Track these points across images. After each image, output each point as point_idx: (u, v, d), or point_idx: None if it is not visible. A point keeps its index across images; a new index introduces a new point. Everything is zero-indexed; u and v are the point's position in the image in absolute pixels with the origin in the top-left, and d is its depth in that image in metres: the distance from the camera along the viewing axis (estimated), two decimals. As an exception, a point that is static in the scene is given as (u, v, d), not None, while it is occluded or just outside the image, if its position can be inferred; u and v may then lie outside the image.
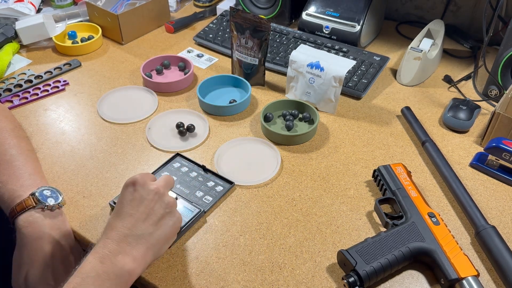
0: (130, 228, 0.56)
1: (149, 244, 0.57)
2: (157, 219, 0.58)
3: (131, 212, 0.57)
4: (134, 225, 0.56)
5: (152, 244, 0.57)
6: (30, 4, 1.19)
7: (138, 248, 0.56)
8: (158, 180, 0.62)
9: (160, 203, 0.59)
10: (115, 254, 0.54)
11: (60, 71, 1.05)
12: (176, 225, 0.61)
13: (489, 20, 1.09)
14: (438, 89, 1.01)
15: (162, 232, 0.58)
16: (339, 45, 1.07)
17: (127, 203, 0.58)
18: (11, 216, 0.66)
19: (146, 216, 0.58)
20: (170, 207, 0.60)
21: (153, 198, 0.59)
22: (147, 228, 0.57)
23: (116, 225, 0.56)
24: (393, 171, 0.75)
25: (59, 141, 0.87)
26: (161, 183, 0.61)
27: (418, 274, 0.64)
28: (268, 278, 0.64)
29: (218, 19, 1.20)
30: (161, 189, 0.60)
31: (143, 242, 0.56)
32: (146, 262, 0.57)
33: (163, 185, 0.61)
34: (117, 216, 0.57)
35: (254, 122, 0.91)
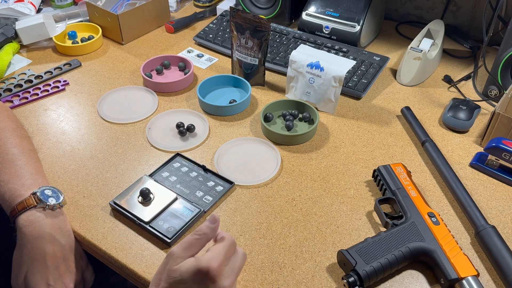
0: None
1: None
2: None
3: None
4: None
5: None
6: (30, 4, 1.19)
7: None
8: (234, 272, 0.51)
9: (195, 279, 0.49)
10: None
11: (60, 71, 1.05)
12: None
13: (489, 20, 1.09)
14: (438, 89, 1.01)
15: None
16: (339, 45, 1.07)
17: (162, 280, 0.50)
18: (12, 215, 0.66)
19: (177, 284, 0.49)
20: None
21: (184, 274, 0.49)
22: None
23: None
24: (393, 171, 0.75)
25: (59, 141, 0.87)
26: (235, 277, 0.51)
27: (418, 274, 0.64)
28: (268, 278, 0.64)
29: (218, 19, 1.20)
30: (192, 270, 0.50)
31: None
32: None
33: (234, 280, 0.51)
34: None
35: (254, 122, 0.92)
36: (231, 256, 0.52)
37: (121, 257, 0.66)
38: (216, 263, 0.49)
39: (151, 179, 0.76)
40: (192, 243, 0.52)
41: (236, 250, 0.53)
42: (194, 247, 0.51)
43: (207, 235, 0.52)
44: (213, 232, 0.53)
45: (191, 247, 0.51)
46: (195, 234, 0.52)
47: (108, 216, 0.72)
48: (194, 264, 0.49)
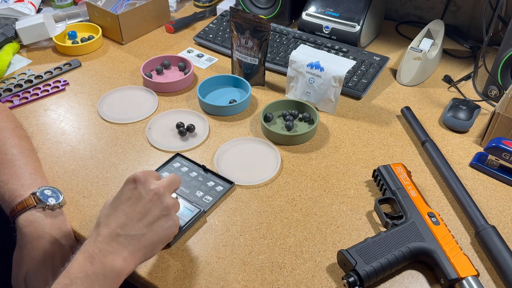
0: (123, 227, 0.55)
1: (140, 245, 0.56)
2: (152, 221, 0.57)
3: (127, 211, 0.56)
4: (128, 225, 0.55)
5: (143, 245, 0.56)
6: (30, 4, 1.19)
7: (129, 248, 0.55)
8: (161, 180, 0.60)
9: (158, 205, 0.58)
10: (105, 254, 0.53)
11: (60, 71, 1.05)
12: (171, 229, 0.59)
13: (489, 20, 1.09)
14: (438, 89, 1.01)
15: (155, 235, 0.57)
16: (339, 45, 1.07)
17: (125, 200, 0.57)
18: (12, 215, 0.66)
19: (141, 216, 0.56)
20: (167, 209, 0.59)
21: (151, 198, 0.57)
22: (141, 229, 0.56)
23: (110, 222, 0.55)
24: (393, 171, 0.75)
25: (59, 141, 0.87)
26: (164, 184, 0.60)
27: (418, 274, 0.64)
28: (268, 278, 0.64)
29: (218, 19, 1.20)
30: (162, 190, 0.59)
31: (134, 243, 0.55)
32: (136, 263, 0.56)
33: (165, 186, 0.60)
34: (112, 212, 0.56)
35: (254, 122, 0.92)
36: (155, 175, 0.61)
37: (121, 257, 0.66)
38: (140, 173, 0.59)
39: (151, 179, 0.76)
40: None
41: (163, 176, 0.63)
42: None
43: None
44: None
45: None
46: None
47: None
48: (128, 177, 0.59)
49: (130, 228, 0.55)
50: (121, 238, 0.54)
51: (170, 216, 0.59)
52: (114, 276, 0.53)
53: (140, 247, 0.56)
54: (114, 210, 0.57)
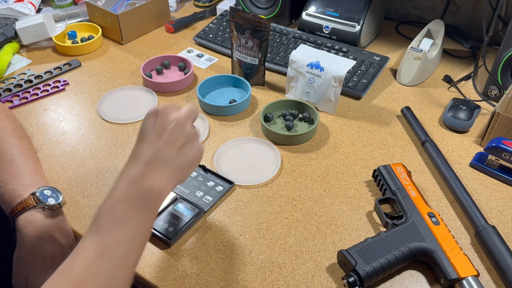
0: (154, 154, 0.57)
1: (173, 168, 0.58)
2: (180, 146, 0.59)
3: (154, 140, 0.58)
4: (158, 151, 0.57)
5: (176, 168, 0.58)
6: (30, 4, 1.19)
7: (165, 171, 0.57)
8: (180, 111, 0.61)
9: (182, 132, 0.59)
10: (143, 177, 0.55)
11: (60, 71, 1.05)
12: (198, 154, 0.62)
13: (489, 20, 1.09)
14: (438, 89, 1.01)
15: (185, 158, 0.59)
16: (339, 45, 1.07)
17: (149, 131, 0.58)
18: (12, 215, 0.66)
19: (169, 144, 0.58)
20: (191, 136, 0.61)
21: (174, 128, 0.59)
22: (172, 154, 0.58)
23: (141, 151, 0.57)
24: (393, 171, 0.75)
25: (59, 141, 0.87)
26: (183, 114, 0.61)
27: (418, 274, 0.64)
28: (268, 278, 0.64)
29: (218, 19, 1.20)
30: (182, 120, 0.60)
31: (168, 166, 0.57)
32: (173, 185, 0.58)
33: (185, 116, 0.61)
34: (140, 144, 0.58)
35: (254, 122, 0.91)
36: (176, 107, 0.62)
37: (121, 257, 0.66)
38: (160, 106, 0.60)
39: (151, 179, 0.76)
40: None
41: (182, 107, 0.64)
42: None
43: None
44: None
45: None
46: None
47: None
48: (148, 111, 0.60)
49: (162, 154, 0.57)
50: (155, 162, 0.56)
51: (195, 141, 0.61)
52: (155, 196, 0.55)
53: (174, 169, 0.58)
54: (141, 142, 0.58)
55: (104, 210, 0.53)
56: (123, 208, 0.52)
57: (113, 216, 0.52)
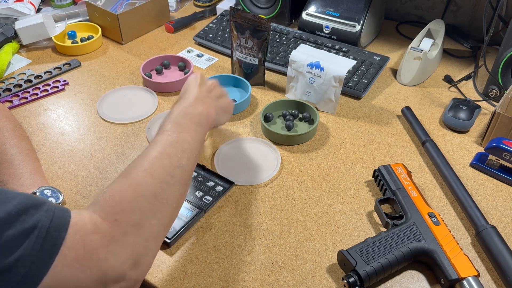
0: (199, 95, 0.69)
1: (214, 106, 0.69)
2: (217, 96, 0.73)
3: (197, 89, 0.70)
4: (202, 94, 0.70)
5: (216, 107, 0.70)
6: (30, 4, 1.19)
7: (209, 104, 0.68)
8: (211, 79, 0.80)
9: (218, 88, 0.75)
10: (194, 105, 0.66)
11: (59, 71, 1.05)
12: (230, 105, 0.77)
13: (489, 20, 1.09)
14: (438, 89, 1.01)
15: (223, 103, 0.74)
16: (339, 45, 1.07)
17: (193, 86, 0.71)
18: (11, 216, 0.66)
19: (209, 92, 0.72)
20: (224, 93, 0.76)
21: (211, 85, 0.74)
22: (212, 97, 0.71)
23: (187, 95, 0.69)
24: (393, 171, 0.75)
25: (59, 141, 0.87)
26: (215, 80, 0.76)
27: (418, 274, 0.64)
28: (268, 278, 0.64)
29: (218, 19, 1.20)
30: (216, 82, 0.75)
31: (210, 103, 0.69)
32: (217, 115, 0.70)
33: (216, 82, 0.76)
34: (185, 91, 0.70)
35: (254, 122, 0.91)
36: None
37: (121, 257, 0.66)
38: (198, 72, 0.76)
39: (151, 179, 0.76)
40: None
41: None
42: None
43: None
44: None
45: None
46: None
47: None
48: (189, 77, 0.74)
49: (204, 96, 0.70)
50: (201, 99, 0.68)
51: (227, 97, 0.77)
52: (205, 116, 0.66)
53: (214, 107, 0.69)
54: (186, 90, 0.70)
55: (168, 120, 0.62)
56: (184, 119, 0.63)
57: (177, 123, 0.62)
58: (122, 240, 0.48)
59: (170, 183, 0.55)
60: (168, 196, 0.54)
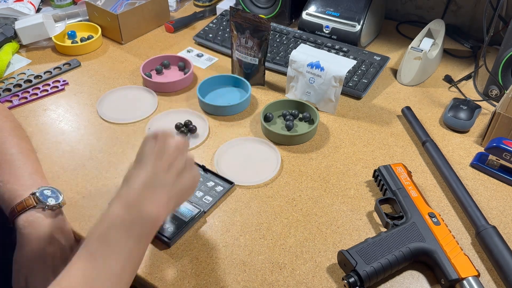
0: (152, 177, 0.56)
1: (171, 193, 0.57)
2: (178, 172, 0.59)
3: (153, 163, 0.58)
4: (157, 174, 0.57)
5: (173, 194, 0.58)
6: (30, 4, 1.18)
7: (162, 196, 0.56)
8: (177, 137, 0.62)
9: (180, 158, 0.60)
10: (140, 201, 0.54)
11: (59, 71, 1.05)
12: (195, 179, 0.62)
13: (489, 20, 1.09)
14: (438, 89, 1.01)
15: (183, 184, 0.59)
16: (339, 45, 1.07)
17: (148, 155, 0.58)
18: (11, 215, 0.66)
19: (167, 168, 0.58)
20: (189, 162, 0.62)
21: (173, 152, 0.59)
22: (170, 179, 0.58)
23: (139, 174, 0.57)
24: (394, 171, 0.75)
25: (59, 141, 0.87)
26: (181, 140, 0.61)
27: (419, 274, 0.64)
28: (268, 278, 0.64)
29: (218, 19, 1.19)
30: (181, 145, 0.61)
31: (165, 192, 0.57)
32: (168, 211, 0.58)
33: (183, 142, 0.61)
34: (138, 167, 0.58)
35: (254, 122, 0.91)
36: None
37: (121, 257, 0.66)
38: (159, 130, 0.61)
39: (151, 179, 0.76)
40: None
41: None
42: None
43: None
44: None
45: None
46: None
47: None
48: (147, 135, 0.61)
49: (160, 178, 0.57)
50: (153, 187, 0.56)
51: (193, 168, 0.62)
52: (150, 222, 0.54)
53: (171, 195, 0.57)
54: (140, 164, 0.58)
55: (97, 234, 0.51)
56: (117, 234, 0.51)
57: (106, 241, 0.50)
58: None
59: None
60: None
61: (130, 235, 0.52)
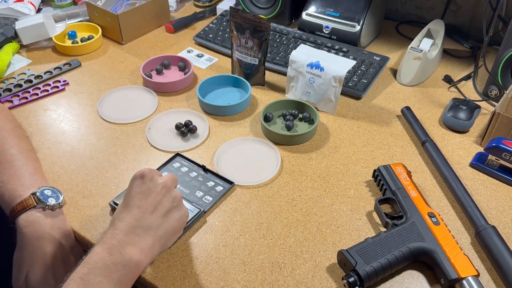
0: (138, 220, 0.57)
1: (156, 236, 0.57)
2: (165, 212, 0.59)
3: (139, 204, 0.58)
4: (142, 217, 0.57)
5: (159, 236, 0.58)
6: (30, 4, 1.19)
7: (146, 239, 0.56)
8: (164, 176, 0.63)
9: (168, 197, 0.60)
10: (123, 245, 0.54)
11: (60, 71, 1.05)
12: (183, 219, 0.62)
13: (489, 20, 1.09)
14: (438, 89, 1.01)
15: (169, 225, 0.59)
16: (339, 45, 1.07)
17: (135, 195, 0.59)
18: (12, 215, 0.66)
19: (153, 208, 0.58)
20: (177, 201, 0.61)
21: (160, 191, 0.60)
22: (155, 220, 0.58)
23: (124, 216, 0.57)
24: (393, 171, 0.75)
25: (59, 141, 0.87)
26: (168, 178, 0.62)
27: (418, 274, 0.64)
28: (268, 278, 0.64)
29: (218, 19, 1.20)
30: (169, 183, 0.61)
31: (151, 234, 0.57)
32: (153, 254, 0.57)
33: (170, 180, 0.62)
34: (125, 208, 0.58)
35: (254, 122, 0.91)
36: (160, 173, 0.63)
37: (121, 257, 0.66)
38: (146, 169, 0.61)
39: (151, 179, 0.76)
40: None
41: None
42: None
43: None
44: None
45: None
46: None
47: (108, 216, 0.72)
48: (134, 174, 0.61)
49: (145, 220, 0.57)
50: (138, 230, 0.56)
51: (180, 207, 0.62)
52: (132, 267, 0.54)
53: (156, 238, 0.57)
54: (126, 206, 0.58)
55: (78, 277, 0.51)
56: (97, 277, 0.51)
57: (87, 284, 0.50)
58: None
59: None
60: None
61: (111, 279, 0.52)
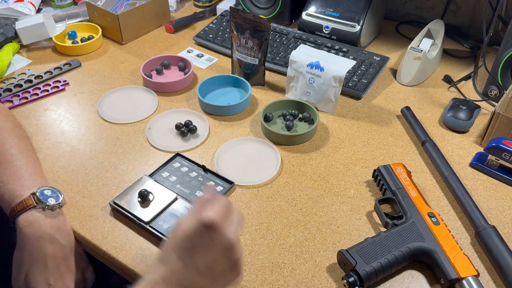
0: (187, 278, 0.50)
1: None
2: (218, 275, 0.52)
3: (195, 260, 0.51)
4: (193, 278, 0.51)
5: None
6: (30, 4, 1.19)
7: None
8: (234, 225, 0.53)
9: (229, 258, 0.52)
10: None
11: (60, 71, 1.05)
12: (234, 282, 0.54)
13: (489, 20, 1.09)
14: (438, 89, 1.01)
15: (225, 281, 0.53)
16: (339, 45, 1.07)
17: (194, 246, 0.51)
18: (12, 215, 0.66)
19: (207, 268, 0.51)
20: (236, 264, 0.52)
21: (223, 252, 0.51)
22: (203, 282, 0.51)
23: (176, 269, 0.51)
24: (393, 171, 0.75)
25: (59, 141, 0.87)
26: (236, 228, 0.53)
27: (418, 274, 0.64)
28: (268, 278, 0.64)
29: (218, 19, 1.20)
30: (235, 241, 0.51)
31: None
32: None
33: (237, 229, 0.53)
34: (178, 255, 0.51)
35: (254, 122, 0.91)
36: (228, 211, 0.53)
37: (121, 257, 0.66)
38: (217, 215, 0.50)
39: (151, 179, 0.76)
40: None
41: (232, 207, 0.54)
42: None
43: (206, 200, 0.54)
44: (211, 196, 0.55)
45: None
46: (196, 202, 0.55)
47: (108, 216, 0.72)
48: (196, 219, 0.50)
49: (194, 281, 0.51)
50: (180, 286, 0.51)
51: (237, 271, 0.53)
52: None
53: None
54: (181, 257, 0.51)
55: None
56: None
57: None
58: None
59: None
60: None
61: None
